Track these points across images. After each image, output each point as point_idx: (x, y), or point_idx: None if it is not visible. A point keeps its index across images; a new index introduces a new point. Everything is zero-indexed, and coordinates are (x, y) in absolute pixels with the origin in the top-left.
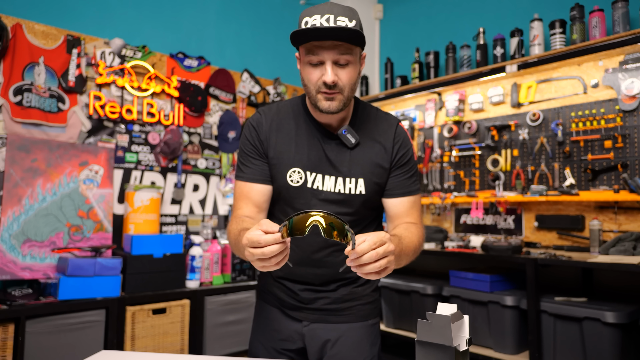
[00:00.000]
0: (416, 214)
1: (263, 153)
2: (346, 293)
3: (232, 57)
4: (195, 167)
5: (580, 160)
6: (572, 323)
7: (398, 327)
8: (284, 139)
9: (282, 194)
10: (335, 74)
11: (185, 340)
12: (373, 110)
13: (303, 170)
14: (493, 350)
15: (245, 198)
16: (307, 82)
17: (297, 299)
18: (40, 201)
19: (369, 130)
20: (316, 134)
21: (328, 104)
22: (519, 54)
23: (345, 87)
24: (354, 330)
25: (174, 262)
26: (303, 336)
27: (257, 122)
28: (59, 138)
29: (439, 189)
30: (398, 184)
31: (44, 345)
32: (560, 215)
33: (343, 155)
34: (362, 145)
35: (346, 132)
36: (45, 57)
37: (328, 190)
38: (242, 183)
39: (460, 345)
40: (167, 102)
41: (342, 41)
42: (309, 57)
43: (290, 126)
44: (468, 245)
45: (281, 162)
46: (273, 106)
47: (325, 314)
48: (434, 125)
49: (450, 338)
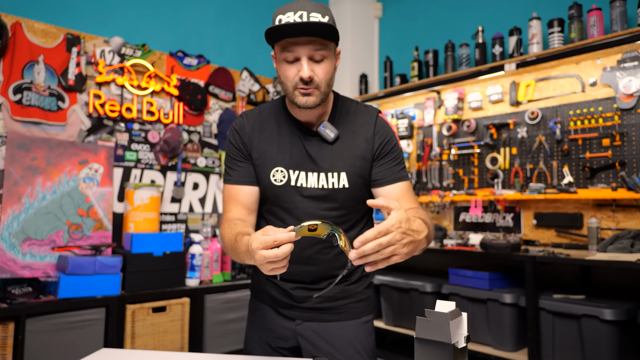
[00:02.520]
0: (413, 198)
1: (247, 155)
2: (339, 291)
3: (231, 55)
4: (195, 166)
5: (578, 158)
6: (571, 320)
7: (397, 324)
8: (267, 139)
9: (267, 194)
10: (311, 69)
11: (185, 339)
12: (353, 104)
13: (286, 169)
14: (492, 348)
15: (234, 200)
16: (284, 79)
17: (289, 297)
18: (40, 199)
19: (349, 123)
20: (297, 132)
21: (305, 99)
22: (517, 53)
23: (322, 82)
24: (348, 328)
25: (173, 261)
26: (297, 334)
27: (240, 125)
28: (58, 136)
29: (438, 187)
30: (386, 172)
31: (44, 344)
32: (559, 213)
33: (324, 150)
34: (343, 138)
35: (324, 127)
36: (45, 56)
37: (312, 187)
38: (230, 186)
39: (459, 343)
40: (167, 100)
41: (316, 36)
42: (285, 55)
43: (272, 127)
44: (467, 243)
45: (265, 162)
46: (255, 109)
47: (318, 312)
48: (433, 124)
49: (449, 335)
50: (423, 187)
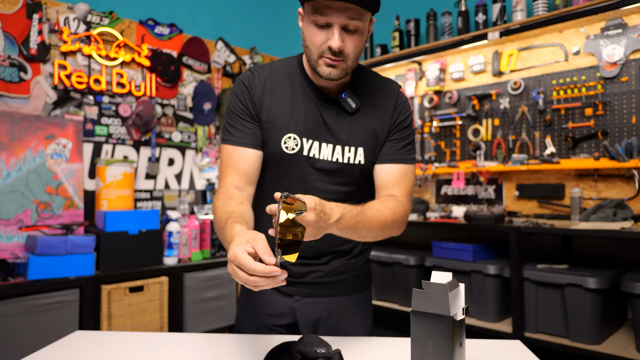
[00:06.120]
0: (405, 187)
1: (255, 115)
2: (339, 265)
3: (205, 24)
4: (170, 141)
5: (561, 128)
6: (554, 290)
7: (380, 298)
8: (279, 101)
9: (274, 161)
10: (342, 40)
11: (165, 318)
12: (374, 75)
13: (299, 137)
14: (475, 319)
15: (233, 165)
16: (310, 43)
17: (287, 273)
18: (5, 177)
19: (369, 95)
20: (313, 97)
21: (329, 70)
22: (501, 21)
23: (351, 56)
24: (347, 302)
25: (150, 239)
26: (294, 311)
27: (250, 80)
28: (22, 110)
29: (419, 160)
30: (392, 150)
31: (15, 327)
32: (541, 184)
33: (342, 121)
34: (362, 111)
35: (347, 95)
36: (3, 23)
37: (324, 159)
38: (231, 147)
39: (457, 315)
40: (138, 72)
41: (355, 4)
42: (315, 17)
43: (285, 88)
44: (450, 216)
45: (275, 126)
46: (266, 65)
47: (317, 287)
48: (414, 96)
49: (448, 307)
50: None
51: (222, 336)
